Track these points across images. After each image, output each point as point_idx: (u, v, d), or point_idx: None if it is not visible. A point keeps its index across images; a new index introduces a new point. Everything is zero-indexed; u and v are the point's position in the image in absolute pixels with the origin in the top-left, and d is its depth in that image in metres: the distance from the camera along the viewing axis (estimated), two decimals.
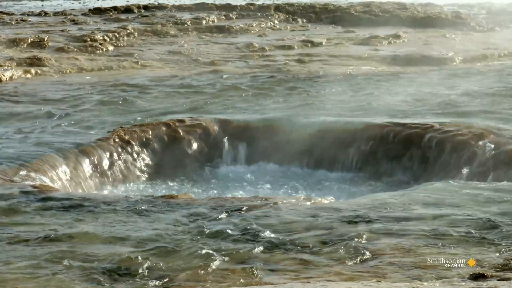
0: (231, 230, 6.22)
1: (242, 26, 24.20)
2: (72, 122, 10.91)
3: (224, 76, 14.85)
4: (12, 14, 29.02)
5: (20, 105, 12.22)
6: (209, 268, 5.41)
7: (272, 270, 5.38)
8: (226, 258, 5.59)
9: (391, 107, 11.58)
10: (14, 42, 18.70)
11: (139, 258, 5.60)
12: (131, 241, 5.99)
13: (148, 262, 5.52)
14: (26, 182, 8.13)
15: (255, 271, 5.35)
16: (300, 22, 26.78)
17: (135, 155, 10.04)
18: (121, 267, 5.46)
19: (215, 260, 5.56)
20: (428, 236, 6.07)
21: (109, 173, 9.46)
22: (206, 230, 6.23)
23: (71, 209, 6.91)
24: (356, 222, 6.42)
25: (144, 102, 12.37)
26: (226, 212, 6.74)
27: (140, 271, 5.39)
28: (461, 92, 13.11)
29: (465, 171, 9.06)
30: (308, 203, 7.09)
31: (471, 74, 15.16)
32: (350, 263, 5.48)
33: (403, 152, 9.90)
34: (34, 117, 11.28)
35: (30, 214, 6.78)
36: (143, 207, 6.92)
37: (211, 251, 5.72)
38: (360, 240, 5.95)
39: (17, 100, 12.60)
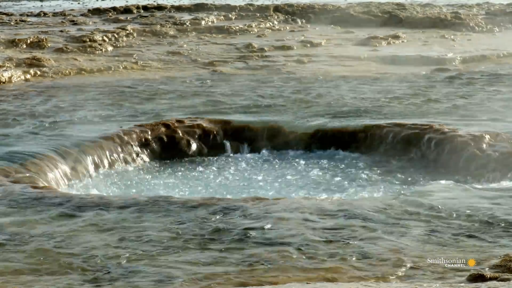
0: (228, 230, 6.22)
1: (241, 26, 24.20)
2: (71, 122, 10.91)
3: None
4: (11, 14, 29.02)
5: (19, 105, 12.21)
6: (208, 268, 5.41)
7: (270, 270, 5.38)
8: (225, 259, 5.59)
9: (387, 109, 11.61)
10: (13, 43, 18.70)
11: (136, 256, 5.61)
12: (129, 241, 5.99)
13: (147, 262, 5.52)
14: (25, 182, 8.13)
15: (254, 271, 5.35)
16: (299, 23, 26.78)
17: (134, 155, 10.04)
18: (118, 266, 5.46)
19: (214, 260, 5.56)
20: (427, 236, 6.07)
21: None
22: (203, 230, 6.23)
23: (70, 210, 6.91)
24: (355, 222, 6.42)
25: (143, 103, 12.37)
26: (222, 212, 6.74)
27: (137, 269, 5.39)
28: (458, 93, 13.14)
29: (463, 172, 9.06)
30: (307, 202, 7.09)
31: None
32: (349, 263, 5.48)
33: (402, 153, 9.92)
34: (33, 117, 11.27)
35: (29, 214, 6.78)
36: (143, 207, 6.92)
37: (209, 251, 5.73)
38: (359, 240, 5.95)
39: (16, 100, 12.60)
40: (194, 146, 10.44)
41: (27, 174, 8.48)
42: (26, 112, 11.66)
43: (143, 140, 10.27)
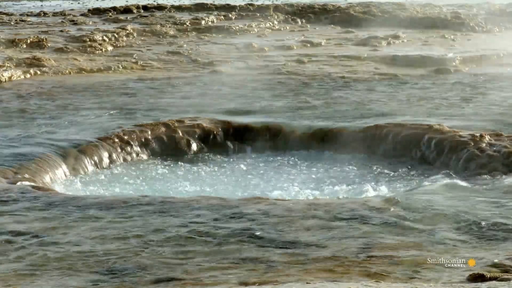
0: (228, 230, 6.23)
1: (241, 26, 24.20)
2: (71, 123, 10.92)
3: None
4: (12, 14, 29.02)
5: (19, 105, 12.21)
6: (208, 268, 5.41)
7: (270, 270, 5.38)
8: (224, 259, 5.59)
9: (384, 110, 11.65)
10: (13, 43, 18.70)
11: (138, 258, 5.61)
12: (129, 242, 5.99)
13: (146, 260, 5.53)
14: (25, 183, 8.13)
15: (254, 271, 5.35)
16: (299, 23, 26.77)
17: (134, 155, 10.05)
18: (119, 265, 5.46)
19: (213, 260, 5.57)
20: (427, 236, 6.08)
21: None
22: (203, 230, 6.23)
23: (68, 210, 6.91)
24: (354, 222, 6.42)
25: (144, 103, 12.37)
26: (222, 212, 6.74)
27: (137, 269, 5.39)
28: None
29: (463, 172, 9.06)
30: (307, 202, 7.10)
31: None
32: (349, 263, 5.48)
33: (402, 153, 9.93)
34: (33, 117, 11.28)
35: (28, 215, 6.78)
36: (143, 208, 6.92)
37: (210, 251, 5.73)
38: (359, 239, 5.95)
39: (16, 100, 12.60)
40: (194, 146, 10.44)
41: (27, 175, 8.48)
42: (26, 112, 11.66)
43: (143, 140, 10.27)
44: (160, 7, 31.64)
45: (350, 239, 5.99)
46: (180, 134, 10.48)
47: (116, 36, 20.76)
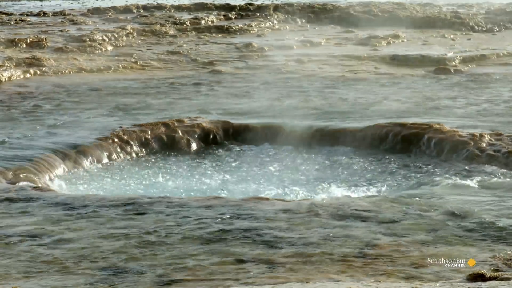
0: (228, 230, 6.22)
1: (241, 26, 24.18)
2: (71, 122, 10.92)
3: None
4: (11, 14, 28.99)
5: (19, 105, 12.21)
6: (208, 268, 5.41)
7: (271, 269, 5.38)
8: (224, 259, 5.59)
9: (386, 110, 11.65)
10: (13, 42, 18.69)
11: (137, 256, 5.61)
12: (130, 241, 5.99)
13: (147, 260, 5.52)
14: (25, 183, 8.13)
15: (254, 271, 5.35)
16: (299, 22, 26.75)
17: (134, 155, 10.05)
18: (119, 266, 5.46)
19: (214, 259, 5.56)
20: (427, 236, 6.07)
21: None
22: (203, 229, 6.23)
23: (69, 210, 6.91)
24: (355, 221, 6.42)
25: (144, 102, 12.37)
26: (222, 212, 6.75)
27: (138, 269, 5.39)
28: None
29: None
30: (307, 202, 7.09)
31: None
32: (349, 263, 5.48)
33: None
34: (33, 117, 11.27)
35: (27, 215, 6.78)
36: (144, 208, 6.92)
37: (210, 250, 5.73)
38: (358, 239, 5.95)
39: (16, 101, 12.60)
40: (194, 146, 10.43)
41: (26, 175, 8.47)
42: (26, 112, 11.66)
43: (143, 139, 10.27)
44: (160, 7, 31.60)
45: (351, 239, 5.98)
46: (180, 134, 10.48)
47: (116, 36, 20.75)
